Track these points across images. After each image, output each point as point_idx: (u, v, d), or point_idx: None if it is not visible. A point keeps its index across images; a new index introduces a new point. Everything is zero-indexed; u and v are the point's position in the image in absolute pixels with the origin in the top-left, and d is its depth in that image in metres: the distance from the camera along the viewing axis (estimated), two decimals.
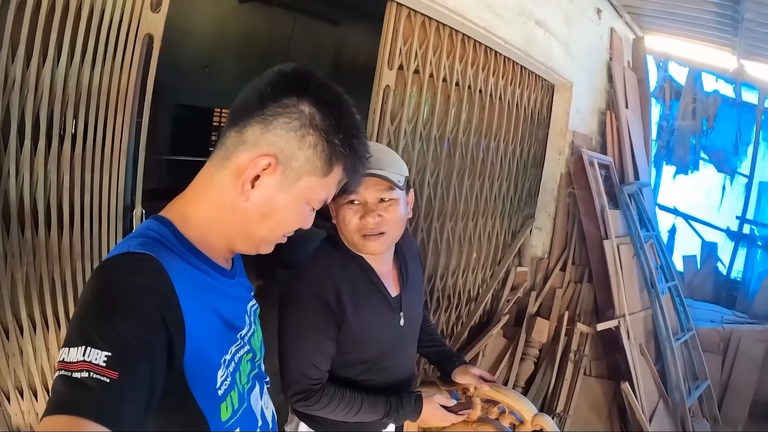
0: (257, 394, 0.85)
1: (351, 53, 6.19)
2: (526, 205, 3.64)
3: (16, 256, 1.38)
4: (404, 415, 1.25)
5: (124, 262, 0.63)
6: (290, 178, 0.71)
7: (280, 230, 0.76)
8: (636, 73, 4.32)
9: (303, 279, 1.21)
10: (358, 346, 1.24)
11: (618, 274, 3.19)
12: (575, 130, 3.67)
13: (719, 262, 5.31)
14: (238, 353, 0.78)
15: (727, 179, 5.48)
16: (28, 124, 1.33)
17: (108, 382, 0.53)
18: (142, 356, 0.56)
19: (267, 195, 0.71)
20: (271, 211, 0.72)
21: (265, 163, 0.69)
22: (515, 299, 3.45)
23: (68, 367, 0.53)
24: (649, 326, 3.42)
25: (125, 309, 0.58)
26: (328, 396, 1.17)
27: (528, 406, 1.32)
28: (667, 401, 3.14)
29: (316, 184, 0.73)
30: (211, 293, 0.73)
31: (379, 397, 1.23)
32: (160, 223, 0.71)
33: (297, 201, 0.73)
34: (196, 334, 0.65)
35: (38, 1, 1.30)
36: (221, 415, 0.70)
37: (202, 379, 0.67)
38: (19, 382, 1.49)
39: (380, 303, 1.26)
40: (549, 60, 3.19)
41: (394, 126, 2.35)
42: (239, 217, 0.72)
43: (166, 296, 0.62)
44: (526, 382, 3.21)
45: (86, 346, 0.54)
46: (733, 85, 5.18)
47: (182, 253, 0.69)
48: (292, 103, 0.70)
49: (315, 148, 0.71)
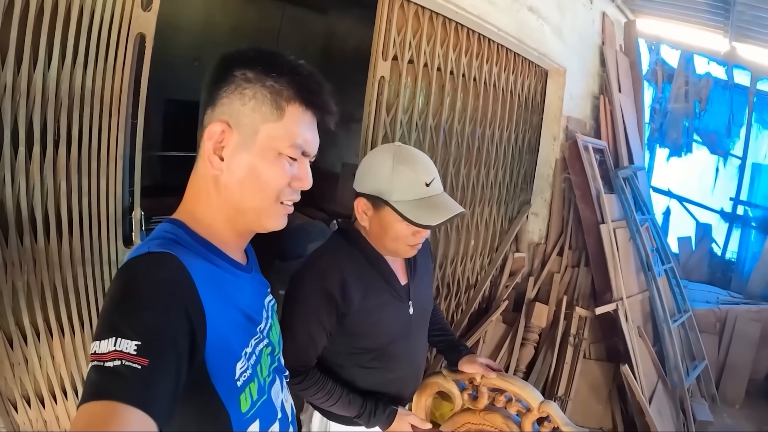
0: (278, 387, 0.87)
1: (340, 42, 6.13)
2: (522, 192, 3.65)
3: (16, 264, 1.36)
4: (375, 422, 1.29)
5: (146, 261, 0.66)
6: (248, 134, 0.72)
7: (268, 194, 0.75)
8: (628, 56, 4.32)
9: (312, 269, 1.26)
10: (367, 335, 1.28)
11: (615, 257, 3.21)
12: (569, 115, 3.67)
13: (714, 244, 5.38)
14: (258, 346, 0.80)
15: (721, 161, 5.52)
16: (22, 131, 1.30)
17: (140, 368, 0.55)
18: (169, 346, 0.59)
19: (236, 160, 0.72)
20: (246, 174, 0.73)
21: (219, 130, 0.71)
22: (514, 285, 3.47)
23: (100, 358, 0.55)
24: (647, 308, 3.46)
25: (151, 302, 0.61)
26: (311, 380, 1.22)
27: (534, 394, 1.34)
28: (665, 382, 3.19)
29: (275, 129, 0.73)
30: (229, 287, 0.75)
31: (357, 397, 1.27)
32: (174, 224, 0.74)
33: (265, 154, 0.73)
34: (216, 326, 0.67)
35: (26, 3, 1.26)
36: (241, 407, 0.72)
37: (222, 370, 0.69)
38: (26, 391, 1.48)
39: (388, 293, 1.29)
40: (542, 46, 3.18)
41: (390, 117, 2.34)
42: (225, 195, 0.74)
43: (188, 290, 0.65)
44: (526, 367, 3.24)
45: (116, 337, 0.56)
46: (725, 68, 5.20)
47: (198, 250, 0.72)
48: (228, 76, 0.73)
49: (255, 97, 0.72)
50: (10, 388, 1.44)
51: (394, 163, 1.18)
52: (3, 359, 1.41)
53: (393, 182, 1.17)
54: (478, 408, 1.42)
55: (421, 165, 1.21)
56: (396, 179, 1.17)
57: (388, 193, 1.18)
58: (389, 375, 1.34)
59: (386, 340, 1.30)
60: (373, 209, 1.22)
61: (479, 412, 1.42)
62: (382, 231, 1.22)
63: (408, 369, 1.39)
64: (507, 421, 1.37)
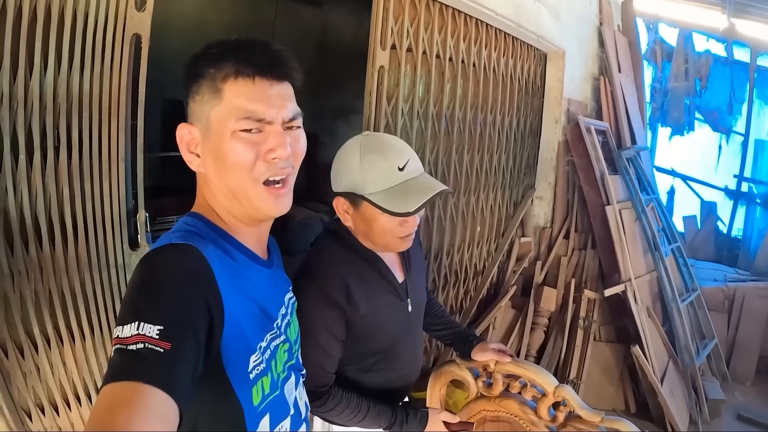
0: (292, 384, 0.87)
1: (337, 34, 6.08)
2: (526, 176, 3.63)
3: (23, 273, 1.35)
4: (408, 429, 1.26)
5: (168, 251, 0.68)
6: (204, 126, 0.74)
7: (239, 172, 0.73)
8: (626, 36, 4.27)
9: (310, 280, 1.16)
10: (371, 338, 1.24)
11: (621, 239, 3.20)
12: (570, 97, 3.64)
13: (719, 221, 5.34)
14: (274, 341, 0.80)
15: (723, 138, 5.47)
16: (21, 138, 1.29)
17: (162, 351, 0.56)
18: (190, 332, 0.60)
19: (206, 152, 0.74)
20: (215, 162, 0.74)
21: (185, 132, 0.75)
22: (521, 270, 3.47)
23: (123, 342, 0.57)
24: (655, 289, 3.45)
25: (172, 290, 0.62)
26: (335, 400, 1.16)
27: (549, 379, 1.33)
28: (676, 362, 3.18)
29: (220, 111, 0.72)
30: (246, 280, 0.76)
31: (386, 407, 1.23)
32: (193, 217, 0.77)
33: (220, 137, 0.72)
34: (233, 317, 0.69)
35: (19, 10, 1.24)
36: (253, 399, 0.73)
37: (236, 361, 0.70)
38: (39, 399, 1.47)
39: (388, 292, 1.25)
40: (540, 29, 3.15)
41: (390, 106, 2.32)
42: (214, 187, 0.76)
43: (208, 280, 0.66)
44: (537, 351, 3.24)
45: (139, 321, 0.58)
46: (724, 44, 5.13)
47: (218, 242, 0.74)
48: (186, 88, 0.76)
49: (199, 91, 0.74)
50: (23, 397, 1.44)
51: (362, 154, 1.13)
52: (15, 369, 1.40)
53: (364, 174, 1.12)
54: (492, 395, 1.41)
55: (392, 150, 1.14)
56: (366, 171, 1.12)
57: (361, 187, 1.12)
58: (392, 374, 1.31)
59: (389, 342, 1.27)
60: (352, 207, 1.17)
61: (494, 399, 1.41)
62: (367, 227, 1.16)
63: (409, 365, 1.36)
64: (522, 407, 1.37)
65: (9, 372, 1.39)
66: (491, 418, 1.43)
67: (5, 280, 1.32)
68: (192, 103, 0.75)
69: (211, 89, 0.73)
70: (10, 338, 1.38)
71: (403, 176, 1.11)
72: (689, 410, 3.03)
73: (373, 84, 2.21)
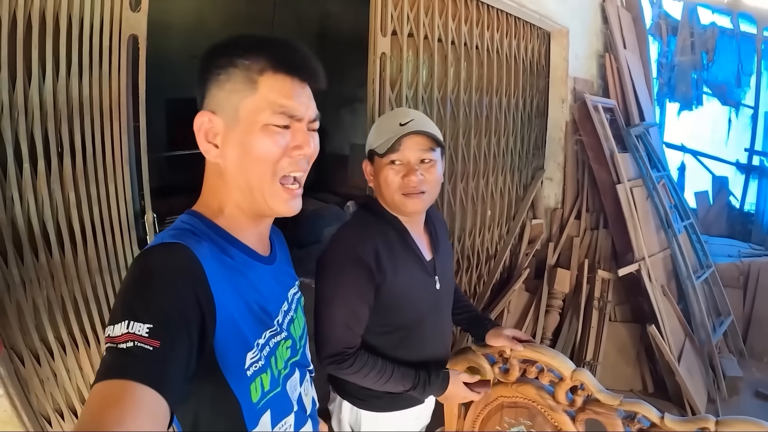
0: (296, 380, 0.87)
1: (337, 23, 6.03)
2: (535, 157, 3.60)
3: (34, 281, 1.35)
4: (430, 390, 1.27)
5: (158, 250, 0.68)
6: (231, 115, 0.73)
7: (264, 167, 0.74)
8: (630, 11, 4.18)
9: (341, 243, 1.24)
10: (398, 310, 1.26)
11: (634, 217, 3.15)
12: (575, 76, 3.58)
13: (731, 196, 5.26)
14: (274, 338, 0.80)
15: (733, 112, 5.38)
16: (24, 147, 1.28)
17: (152, 349, 0.57)
18: (181, 329, 0.61)
19: (228, 143, 0.74)
20: (240, 153, 0.73)
21: (205, 120, 0.73)
22: (534, 252, 3.45)
23: (114, 341, 0.57)
24: (669, 266, 3.41)
25: (163, 287, 0.63)
26: (361, 362, 1.20)
27: (566, 363, 1.31)
28: (693, 340, 3.15)
29: (253, 102, 0.73)
30: (243, 277, 0.76)
31: (409, 369, 1.25)
32: (192, 215, 0.76)
33: (251, 128, 0.73)
34: (227, 315, 0.69)
35: (14, 19, 1.23)
36: (251, 396, 0.73)
37: (231, 359, 0.70)
38: (58, 405, 1.49)
39: (416, 265, 1.28)
40: (542, 8, 3.10)
41: (394, 93, 2.30)
42: (229, 179, 0.75)
43: (199, 278, 0.66)
44: (552, 333, 3.23)
45: (129, 320, 0.58)
46: (729, 16, 5.02)
47: (214, 240, 0.74)
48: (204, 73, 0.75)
49: (229, 80, 0.73)
50: (42, 403, 1.46)
51: (379, 118, 1.31)
52: (32, 376, 1.42)
53: (374, 132, 1.25)
54: (509, 381, 1.40)
55: (402, 111, 1.27)
56: (376, 128, 1.25)
57: (371, 143, 1.24)
58: (420, 353, 1.32)
59: (416, 317, 1.29)
60: (370, 165, 1.27)
61: (511, 385, 1.40)
62: (379, 183, 1.24)
63: (437, 347, 1.37)
64: (540, 392, 1.36)
65: (26, 379, 1.41)
66: (509, 404, 1.42)
67: (17, 289, 1.33)
68: (218, 91, 0.73)
69: (246, 80, 0.72)
70: (25, 346, 1.39)
71: (402, 129, 1.19)
72: (707, 388, 3.01)
73: (375, 71, 2.18)
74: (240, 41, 0.75)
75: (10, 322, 1.34)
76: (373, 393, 1.31)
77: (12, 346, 1.36)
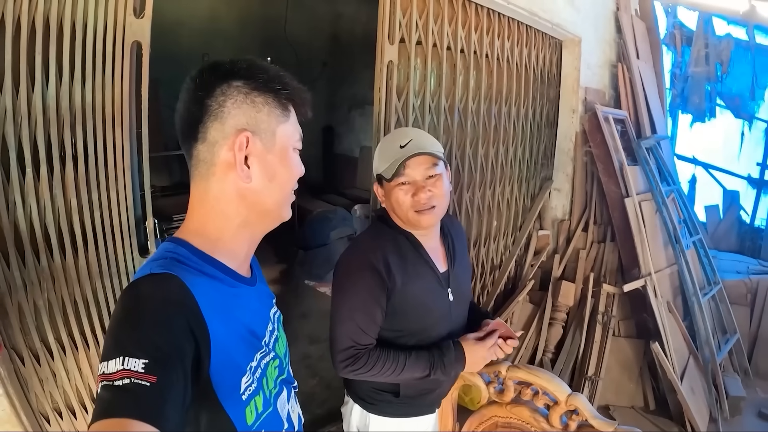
0: (284, 398, 0.88)
1: (349, 25, 6.03)
2: (543, 168, 3.57)
3: (35, 283, 1.37)
4: (449, 363, 1.28)
5: (148, 282, 0.67)
6: (268, 137, 0.76)
7: (287, 186, 0.80)
8: (644, 21, 4.12)
9: (356, 250, 1.33)
10: (409, 316, 1.30)
11: (641, 231, 3.12)
12: (587, 85, 3.54)
13: (742, 211, 5.17)
14: (264, 359, 0.81)
15: (746, 125, 5.28)
16: (27, 152, 1.30)
17: (148, 385, 0.56)
18: (176, 362, 0.60)
19: (262, 164, 0.75)
20: (275, 173, 0.77)
21: (245, 140, 0.73)
22: (539, 264, 3.42)
23: (109, 378, 0.57)
24: (676, 282, 3.37)
25: (155, 321, 0.62)
26: (374, 358, 1.24)
27: (561, 387, 1.31)
28: (697, 357, 3.11)
29: (287, 128, 0.79)
30: (233, 303, 0.76)
31: (422, 351, 1.28)
32: (176, 243, 0.75)
33: (284, 151, 0.78)
34: (221, 343, 0.68)
35: (18, 24, 1.24)
36: (246, 419, 0.73)
37: (227, 386, 0.70)
38: (56, 404, 1.51)
39: (427, 275, 1.32)
40: (554, 16, 3.06)
41: (401, 102, 2.28)
42: (251, 200, 0.76)
43: (191, 308, 0.65)
44: (555, 347, 3.20)
45: (123, 356, 0.57)
46: (745, 28, 4.94)
47: (201, 267, 0.73)
48: (224, 88, 0.73)
49: (267, 103, 0.76)
50: (41, 402, 1.48)
51: (380, 142, 1.34)
52: (32, 375, 1.44)
53: (378, 156, 1.30)
54: (504, 401, 1.39)
55: (400, 133, 1.32)
56: (379, 152, 1.30)
57: (377, 168, 1.30)
58: None
59: (427, 324, 1.32)
60: (381, 188, 1.32)
61: (506, 406, 1.39)
62: (392, 204, 1.29)
63: None
64: (534, 415, 1.35)
65: (26, 379, 1.43)
66: (503, 424, 1.41)
67: (19, 290, 1.35)
68: (256, 113, 0.75)
69: (281, 106, 0.78)
70: (26, 346, 1.41)
71: (402, 152, 1.24)
72: (709, 407, 2.96)
73: (382, 80, 2.17)
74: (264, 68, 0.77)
75: (11, 322, 1.36)
76: (383, 397, 1.35)
77: (13, 346, 1.38)
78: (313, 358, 3.26)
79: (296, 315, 3.73)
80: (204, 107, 0.73)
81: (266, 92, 0.75)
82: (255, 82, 0.75)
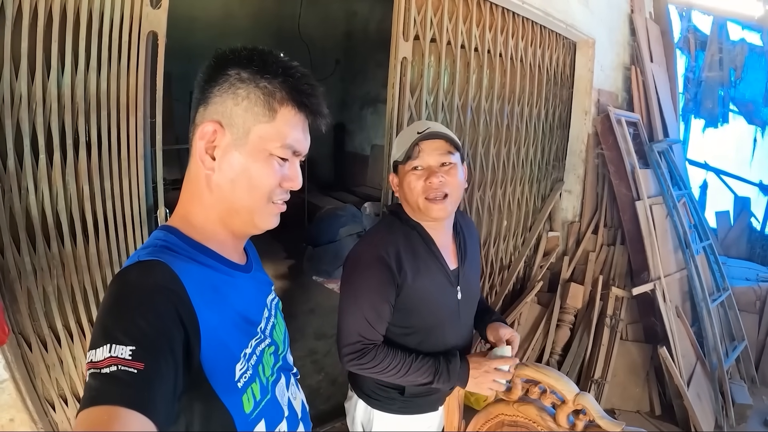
0: (283, 385, 0.87)
1: (363, 22, 6.02)
2: (555, 169, 3.54)
3: (45, 270, 1.37)
4: (453, 373, 1.27)
5: (135, 269, 0.66)
6: (239, 134, 0.73)
7: (259, 194, 0.75)
8: (659, 24, 4.08)
9: (367, 243, 1.30)
10: (417, 312, 1.29)
11: (652, 235, 3.09)
12: (600, 87, 3.51)
13: (753, 218, 5.11)
14: (260, 346, 0.80)
15: (758, 131, 5.23)
16: (41, 138, 1.30)
17: (136, 372, 0.56)
18: (165, 348, 0.59)
19: (228, 160, 0.73)
20: (238, 174, 0.74)
21: (211, 130, 0.72)
22: (548, 265, 3.40)
23: (96, 366, 0.56)
24: (685, 287, 3.34)
25: (143, 307, 0.61)
26: (381, 355, 1.23)
27: (569, 386, 1.29)
28: (704, 364, 3.08)
29: (267, 130, 0.74)
30: (224, 290, 0.75)
31: (428, 358, 1.27)
32: (166, 231, 0.75)
33: (256, 155, 0.74)
34: (211, 330, 0.68)
35: (35, 11, 1.25)
36: (244, 408, 0.72)
37: (220, 373, 0.69)
38: (62, 390, 1.52)
39: (438, 272, 1.30)
40: (569, 17, 3.04)
41: (414, 99, 2.28)
42: (218, 194, 0.75)
43: (179, 295, 0.65)
44: (562, 349, 3.18)
45: (110, 344, 0.57)
46: (760, 33, 4.88)
47: (191, 254, 0.72)
48: (217, 75, 0.73)
49: (248, 98, 0.73)
50: (47, 388, 1.48)
51: (398, 134, 1.34)
52: (39, 361, 1.44)
53: (395, 145, 1.32)
54: (511, 399, 1.38)
55: (420, 122, 1.32)
56: (396, 142, 1.32)
57: (393, 156, 1.31)
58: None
59: (434, 322, 1.31)
60: (396, 176, 1.32)
61: (513, 404, 1.38)
62: (404, 191, 1.28)
63: None
64: (541, 413, 1.33)
65: (33, 364, 1.44)
66: (509, 422, 1.40)
67: (28, 276, 1.35)
68: (233, 105, 0.72)
69: (265, 104, 0.73)
70: (33, 332, 1.41)
71: (419, 136, 1.24)
72: (715, 414, 2.94)
73: (395, 76, 2.17)
74: (269, 60, 0.74)
75: (20, 308, 1.37)
76: (388, 394, 1.35)
77: (20, 331, 1.39)
78: (320, 353, 3.27)
79: (304, 311, 3.73)
80: (202, 92, 0.75)
81: (252, 85, 0.73)
82: (246, 71, 0.73)
